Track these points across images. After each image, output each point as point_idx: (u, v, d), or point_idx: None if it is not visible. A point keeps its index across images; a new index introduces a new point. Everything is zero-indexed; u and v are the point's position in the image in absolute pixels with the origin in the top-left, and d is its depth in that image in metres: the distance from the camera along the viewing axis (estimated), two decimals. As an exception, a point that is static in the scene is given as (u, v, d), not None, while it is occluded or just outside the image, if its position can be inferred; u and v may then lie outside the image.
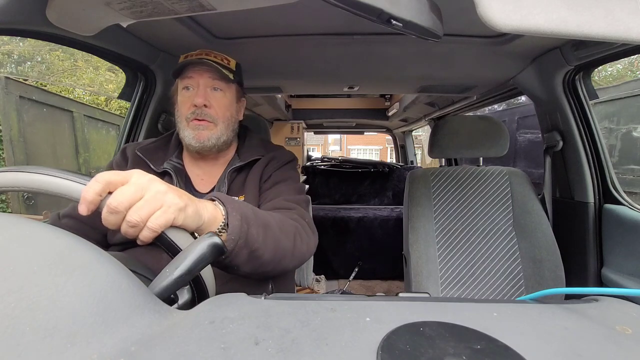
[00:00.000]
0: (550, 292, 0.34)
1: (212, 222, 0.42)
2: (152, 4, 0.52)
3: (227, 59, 0.72)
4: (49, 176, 0.34)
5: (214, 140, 0.69)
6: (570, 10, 0.31)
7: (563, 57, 0.89)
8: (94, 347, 0.22)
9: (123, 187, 0.34)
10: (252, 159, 0.73)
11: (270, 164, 0.74)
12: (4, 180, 0.35)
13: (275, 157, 0.75)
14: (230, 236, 0.43)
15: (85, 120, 3.75)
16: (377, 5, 0.37)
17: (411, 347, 0.24)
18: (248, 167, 0.73)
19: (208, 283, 0.38)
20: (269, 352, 0.23)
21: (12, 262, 0.25)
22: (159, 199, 0.35)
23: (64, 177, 0.35)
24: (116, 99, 4.89)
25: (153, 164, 0.70)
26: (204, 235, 0.35)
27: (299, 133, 2.73)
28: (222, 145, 0.72)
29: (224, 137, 0.70)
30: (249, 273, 0.49)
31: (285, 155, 0.78)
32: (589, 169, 0.99)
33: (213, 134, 0.68)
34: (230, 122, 0.72)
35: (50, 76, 5.95)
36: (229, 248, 0.43)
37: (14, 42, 5.66)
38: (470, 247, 1.06)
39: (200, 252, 0.33)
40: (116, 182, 0.34)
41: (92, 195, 0.32)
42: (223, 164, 0.75)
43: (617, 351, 0.25)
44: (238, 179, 0.72)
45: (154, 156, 0.72)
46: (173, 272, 0.32)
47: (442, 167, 1.29)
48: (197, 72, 0.68)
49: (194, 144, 0.68)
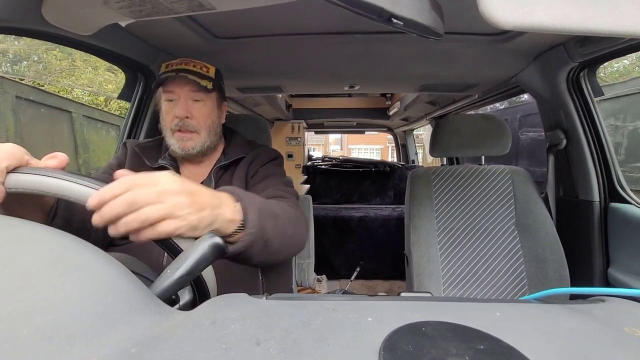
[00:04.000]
0: (555, 291, 0.34)
1: (227, 226, 0.43)
2: (151, 3, 0.52)
3: (207, 66, 0.75)
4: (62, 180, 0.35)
5: (198, 147, 0.73)
6: (574, 5, 0.30)
7: (567, 53, 0.88)
8: (93, 349, 0.22)
9: (147, 187, 0.35)
10: (237, 157, 0.76)
11: (255, 161, 0.77)
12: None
13: (259, 155, 0.79)
14: (250, 230, 0.45)
15: (84, 120, 3.72)
16: (377, 4, 0.37)
17: (413, 347, 0.23)
18: (234, 165, 0.77)
19: (209, 283, 0.38)
20: (271, 352, 0.23)
21: (8, 264, 0.25)
22: (176, 211, 0.36)
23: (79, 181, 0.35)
24: (116, 99, 4.89)
25: (148, 161, 0.74)
26: (205, 236, 0.35)
27: (300, 133, 2.73)
28: (207, 150, 0.76)
29: (207, 142, 0.74)
30: (259, 263, 0.51)
31: (270, 153, 0.81)
32: (594, 167, 0.98)
33: (197, 142, 0.72)
34: (212, 128, 0.76)
35: (48, 76, 5.93)
36: (248, 242, 0.44)
37: (8, 41, 5.61)
38: (472, 246, 1.06)
39: (202, 253, 0.33)
40: (143, 184, 0.36)
41: (110, 196, 0.34)
42: (209, 165, 0.78)
43: (626, 354, 0.24)
44: (224, 176, 0.75)
45: (149, 154, 0.76)
46: (174, 273, 0.32)
47: (443, 166, 1.28)
48: (178, 85, 0.71)
49: (179, 152, 0.73)
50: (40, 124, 3.17)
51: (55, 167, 0.38)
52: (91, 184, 0.35)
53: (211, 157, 0.79)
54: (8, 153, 0.35)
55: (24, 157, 0.37)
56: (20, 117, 2.89)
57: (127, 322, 0.25)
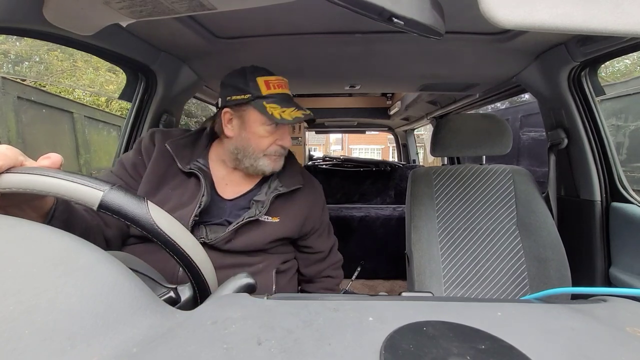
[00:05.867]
0: (556, 291, 0.34)
1: None
2: (152, 3, 0.52)
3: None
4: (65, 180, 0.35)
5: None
6: (576, 4, 0.30)
7: (568, 53, 0.88)
8: (94, 349, 0.22)
9: None
10: (295, 187, 0.76)
11: (316, 204, 0.82)
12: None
13: (316, 190, 0.83)
14: None
15: (85, 121, 3.73)
16: (378, 4, 0.37)
17: (414, 347, 0.23)
18: (290, 194, 0.76)
19: (209, 279, 0.38)
20: (272, 352, 0.23)
21: (10, 264, 0.25)
22: None
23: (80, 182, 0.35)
24: (117, 99, 4.88)
25: (180, 162, 0.70)
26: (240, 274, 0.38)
27: (300, 132, 2.73)
28: None
29: None
30: None
31: (320, 189, 0.86)
32: (595, 166, 0.98)
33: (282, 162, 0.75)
34: None
35: (49, 77, 5.93)
36: None
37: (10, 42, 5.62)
38: (473, 246, 1.05)
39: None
40: None
41: None
42: (253, 178, 0.76)
43: (628, 353, 0.24)
44: (277, 202, 0.73)
45: (182, 153, 0.72)
46: None
47: (444, 165, 1.28)
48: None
49: (266, 171, 0.73)
50: (42, 125, 3.17)
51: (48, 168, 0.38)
52: (85, 182, 0.35)
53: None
54: (1, 154, 0.35)
55: (18, 157, 0.37)
56: (22, 118, 2.90)
57: (128, 322, 0.25)
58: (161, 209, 0.37)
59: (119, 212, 0.34)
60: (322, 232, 0.85)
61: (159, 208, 0.37)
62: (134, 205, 0.35)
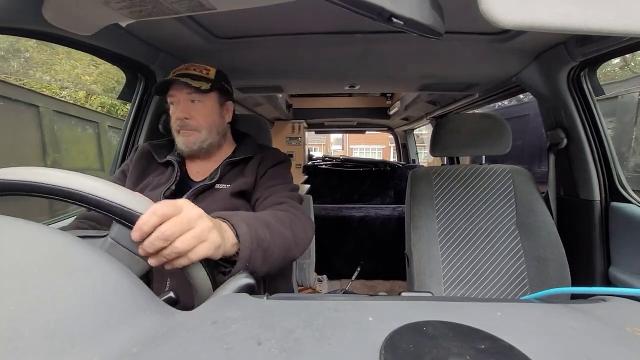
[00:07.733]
0: (556, 291, 0.34)
1: (229, 243, 0.46)
2: (151, 3, 0.52)
3: (207, 68, 0.80)
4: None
5: (199, 143, 0.78)
6: (576, 4, 0.30)
7: (568, 53, 0.88)
8: (95, 348, 0.22)
9: (175, 218, 0.38)
10: (246, 156, 0.81)
11: (265, 162, 0.82)
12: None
13: (268, 156, 0.84)
14: (244, 244, 0.47)
15: (55, 116, 3.17)
16: (377, 3, 0.37)
17: (414, 346, 0.23)
18: (243, 163, 0.81)
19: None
20: (272, 352, 0.23)
21: (11, 264, 0.25)
22: (204, 235, 0.40)
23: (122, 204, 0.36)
24: (116, 99, 4.61)
25: (158, 157, 0.82)
26: (239, 275, 0.39)
27: (300, 132, 2.73)
28: (210, 147, 0.80)
29: (209, 140, 0.79)
30: (266, 272, 0.54)
31: (279, 155, 0.86)
32: (595, 166, 0.98)
33: (197, 139, 0.78)
34: (214, 127, 0.80)
35: (29, 69, 5.40)
36: (246, 255, 0.47)
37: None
38: (473, 246, 1.06)
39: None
40: (170, 214, 0.38)
41: (149, 228, 0.36)
42: (217, 161, 0.83)
43: (628, 353, 0.24)
44: (233, 171, 0.80)
45: (160, 151, 0.83)
46: None
47: (444, 165, 1.28)
48: (177, 89, 0.77)
49: (183, 149, 0.79)
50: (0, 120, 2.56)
51: None
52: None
53: (219, 155, 0.84)
54: None
55: None
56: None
57: (128, 322, 0.25)
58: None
59: None
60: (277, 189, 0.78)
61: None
62: None
